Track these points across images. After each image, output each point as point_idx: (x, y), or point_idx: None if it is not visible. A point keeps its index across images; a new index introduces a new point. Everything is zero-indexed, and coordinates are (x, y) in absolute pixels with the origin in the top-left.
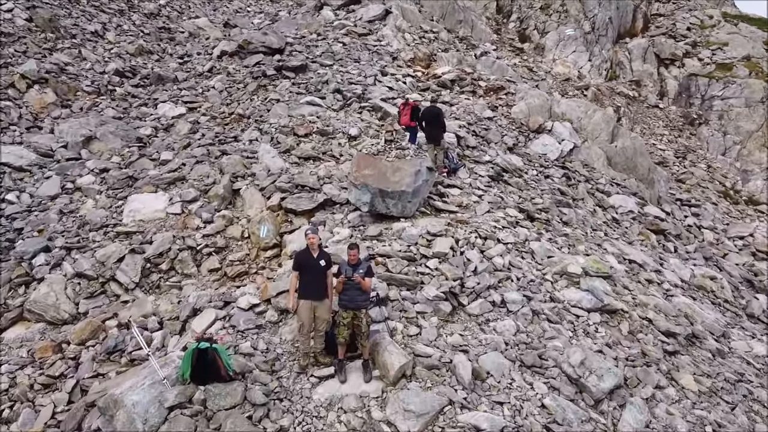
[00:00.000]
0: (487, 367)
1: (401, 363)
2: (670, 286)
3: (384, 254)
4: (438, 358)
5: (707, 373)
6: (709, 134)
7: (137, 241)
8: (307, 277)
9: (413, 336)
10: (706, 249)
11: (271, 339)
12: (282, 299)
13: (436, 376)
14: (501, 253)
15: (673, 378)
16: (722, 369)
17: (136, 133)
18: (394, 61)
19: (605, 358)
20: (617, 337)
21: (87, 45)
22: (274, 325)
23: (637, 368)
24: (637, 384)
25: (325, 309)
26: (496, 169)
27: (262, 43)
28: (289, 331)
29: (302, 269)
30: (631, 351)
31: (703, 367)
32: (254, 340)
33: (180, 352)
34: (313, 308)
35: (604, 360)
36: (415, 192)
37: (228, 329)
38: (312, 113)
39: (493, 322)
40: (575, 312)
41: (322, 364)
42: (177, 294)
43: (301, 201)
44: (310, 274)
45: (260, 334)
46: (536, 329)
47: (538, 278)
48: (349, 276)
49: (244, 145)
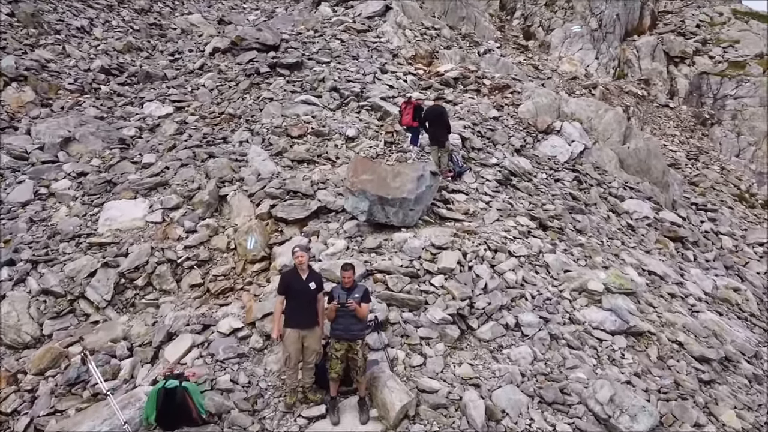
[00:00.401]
0: (501, 404)
1: (403, 402)
2: (695, 300)
3: (383, 270)
4: (445, 394)
5: (747, 404)
6: (722, 135)
7: (111, 254)
8: (294, 302)
9: (417, 367)
10: (727, 257)
11: (254, 370)
12: (268, 322)
13: (444, 417)
14: (513, 268)
15: (711, 413)
16: (761, 398)
17: (119, 134)
18: (395, 59)
19: (635, 391)
20: (646, 365)
21: (72, 41)
22: (259, 353)
23: (672, 402)
24: (672, 422)
25: (315, 338)
26: (504, 172)
27: (256, 39)
28: (275, 360)
29: (289, 293)
30: (664, 381)
31: (741, 397)
32: (234, 372)
33: (148, 387)
34: (301, 338)
35: (636, 395)
36: (417, 199)
37: (205, 358)
38: (307, 113)
39: (506, 348)
40: (598, 335)
41: (311, 401)
42: (153, 313)
43: (293, 209)
44: (298, 299)
45: (242, 364)
46: (555, 356)
47: (555, 296)
48: (342, 302)
49: (233, 147)
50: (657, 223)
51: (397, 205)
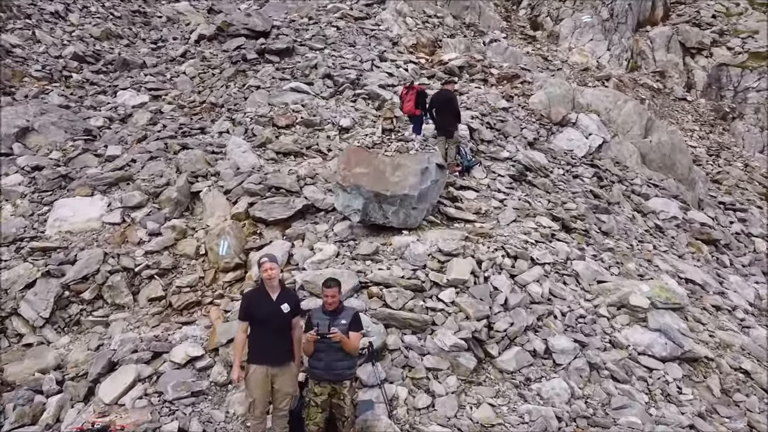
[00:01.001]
0: None
1: None
2: (743, 313)
3: (381, 282)
4: None
5: None
6: (744, 129)
7: (56, 261)
8: (261, 331)
9: (423, 410)
10: (763, 261)
11: (212, 414)
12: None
13: None
14: (538, 278)
15: None
16: None
17: (85, 124)
18: (395, 47)
19: None
20: (709, 401)
21: (44, 26)
22: (221, 390)
23: None
24: None
25: (289, 378)
26: (518, 167)
27: (244, 25)
28: (241, 399)
29: (254, 318)
30: (736, 425)
31: None
32: (186, 418)
33: None
34: (270, 377)
35: None
36: (421, 196)
37: (151, 397)
38: (297, 101)
39: (536, 382)
40: (646, 362)
41: None
42: (101, 334)
43: (274, 207)
44: (266, 326)
45: (197, 405)
46: (598, 392)
47: (590, 313)
48: (322, 332)
49: (212, 138)
50: (686, 224)
51: (397, 203)
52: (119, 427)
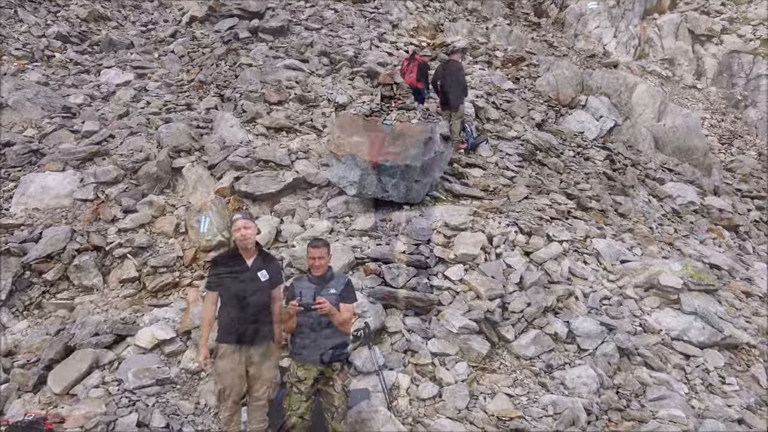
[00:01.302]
0: None
1: None
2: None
3: (379, 258)
4: None
5: None
6: (757, 117)
7: (18, 239)
8: (233, 303)
9: (428, 400)
10: None
11: (179, 405)
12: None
13: None
14: (555, 256)
15: None
16: None
17: (64, 101)
18: (395, 29)
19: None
20: (757, 392)
21: (27, 5)
22: (192, 378)
23: None
24: None
25: (268, 361)
26: (528, 146)
27: (237, 5)
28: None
29: (225, 287)
30: None
31: None
32: (147, 410)
33: None
34: (244, 360)
35: None
36: (424, 168)
37: (109, 386)
38: (290, 78)
39: (558, 370)
40: (681, 348)
41: None
42: (64, 318)
43: (261, 181)
44: (240, 298)
45: (162, 395)
46: (630, 381)
47: (615, 294)
48: (306, 304)
49: (198, 114)
50: (704, 210)
51: (397, 175)
52: (58, 420)
